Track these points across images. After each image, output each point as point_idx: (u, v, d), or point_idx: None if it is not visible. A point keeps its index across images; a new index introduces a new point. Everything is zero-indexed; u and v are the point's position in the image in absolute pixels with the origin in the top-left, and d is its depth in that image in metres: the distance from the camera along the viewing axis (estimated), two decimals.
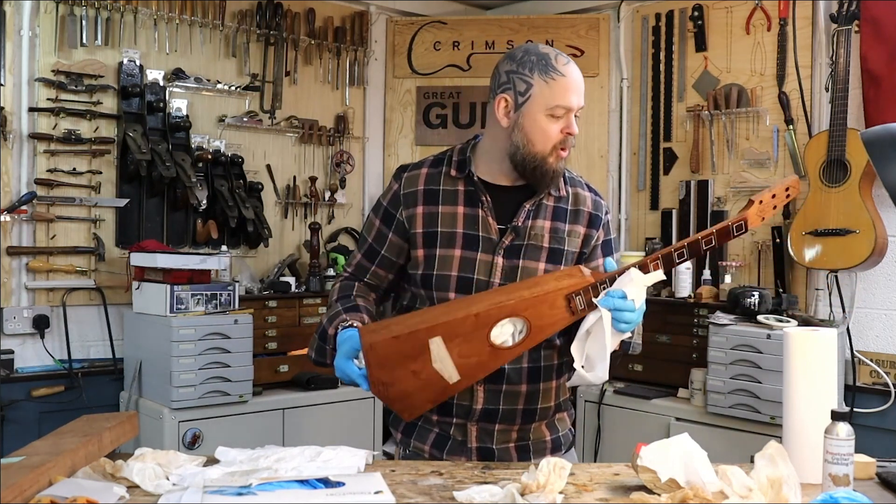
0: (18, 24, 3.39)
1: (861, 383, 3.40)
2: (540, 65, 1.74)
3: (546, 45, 1.82)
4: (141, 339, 3.45)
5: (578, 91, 1.75)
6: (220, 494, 1.39)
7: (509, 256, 1.78)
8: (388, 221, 1.86)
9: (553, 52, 1.77)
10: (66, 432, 1.63)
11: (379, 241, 1.88)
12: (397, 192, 1.86)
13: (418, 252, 1.82)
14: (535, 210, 1.80)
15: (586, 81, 1.86)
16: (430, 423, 1.83)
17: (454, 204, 1.81)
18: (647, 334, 3.72)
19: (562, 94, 1.73)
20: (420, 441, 1.84)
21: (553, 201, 1.83)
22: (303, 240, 4.18)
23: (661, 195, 4.11)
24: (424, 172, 1.86)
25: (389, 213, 1.86)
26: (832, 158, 3.27)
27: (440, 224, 1.80)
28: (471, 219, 1.79)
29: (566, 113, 1.74)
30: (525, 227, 1.79)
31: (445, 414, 1.80)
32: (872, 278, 3.42)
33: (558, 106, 1.73)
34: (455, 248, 1.79)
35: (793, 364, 1.58)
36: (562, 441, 1.89)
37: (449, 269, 1.79)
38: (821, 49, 3.58)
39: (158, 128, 3.67)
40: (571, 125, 1.75)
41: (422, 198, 1.83)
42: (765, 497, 1.34)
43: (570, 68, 1.76)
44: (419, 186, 1.84)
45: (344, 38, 4.35)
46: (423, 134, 4.52)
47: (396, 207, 1.85)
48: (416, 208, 1.82)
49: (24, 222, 3.41)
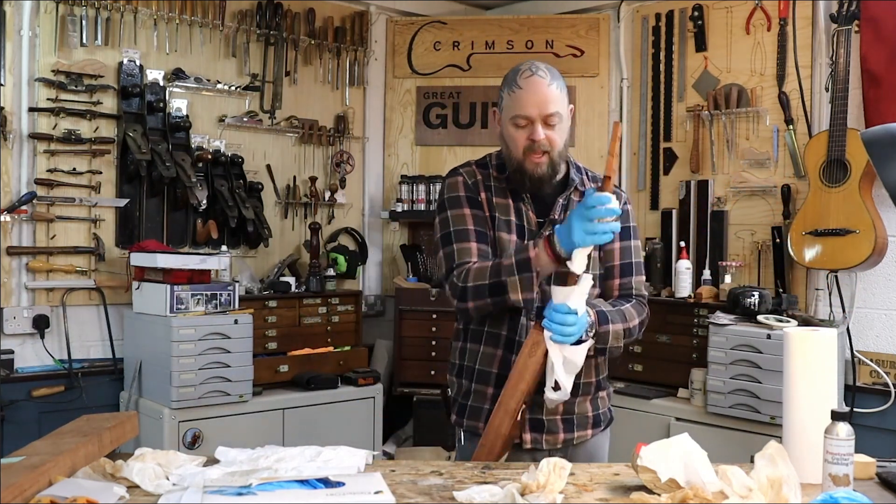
0: (18, 24, 3.39)
1: (861, 383, 3.40)
2: (508, 79, 1.95)
3: (531, 61, 1.98)
4: (141, 339, 3.45)
5: (536, 102, 1.90)
6: (220, 494, 1.39)
7: None
8: (476, 204, 2.00)
9: (525, 66, 1.95)
10: (66, 432, 1.64)
11: (480, 223, 1.99)
12: (465, 182, 2.02)
13: (490, 232, 1.99)
14: (566, 204, 2.00)
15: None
16: (482, 401, 1.99)
17: (504, 197, 2.01)
18: (648, 334, 3.72)
19: (519, 105, 1.91)
20: (473, 419, 2.00)
21: (579, 196, 2.00)
22: (303, 240, 4.18)
23: (661, 195, 4.11)
24: (476, 169, 2.05)
25: (472, 198, 2.00)
26: (832, 158, 3.27)
27: (498, 212, 2.00)
28: (516, 211, 2.00)
29: (528, 122, 1.92)
30: (561, 220, 1.97)
31: (500, 387, 1.91)
32: (872, 278, 3.42)
33: (517, 116, 1.92)
34: (511, 233, 1.98)
35: (793, 364, 1.58)
36: (601, 418, 2.06)
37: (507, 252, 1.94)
38: (821, 49, 3.58)
39: (158, 128, 3.67)
40: (534, 133, 1.91)
41: (482, 186, 2.02)
42: (765, 497, 1.34)
43: (531, 81, 1.91)
44: (478, 177, 2.03)
45: (344, 38, 4.35)
46: (423, 134, 4.52)
47: (474, 192, 2.01)
48: (481, 193, 2.01)
49: (24, 222, 3.41)
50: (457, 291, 1.93)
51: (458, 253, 1.95)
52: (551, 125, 1.91)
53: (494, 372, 1.98)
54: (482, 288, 1.88)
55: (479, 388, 2.00)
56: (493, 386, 1.97)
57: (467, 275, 1.91)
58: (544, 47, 4.39)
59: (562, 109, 1.93)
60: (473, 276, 1.90)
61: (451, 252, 1.96)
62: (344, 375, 3.90)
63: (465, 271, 1.91)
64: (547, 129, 1.91)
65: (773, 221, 3.68)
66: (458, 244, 1.96)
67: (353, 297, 4.09)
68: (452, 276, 1.94)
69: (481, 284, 1.88)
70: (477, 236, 1.96)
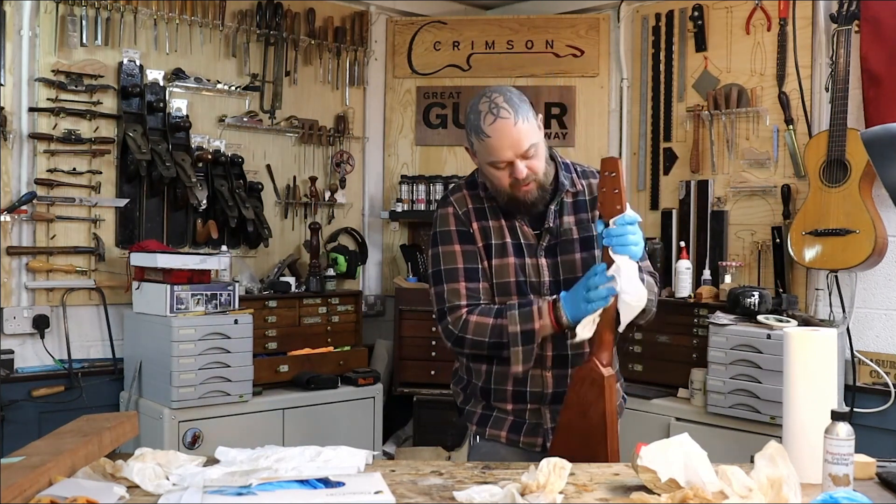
0: (18, 24, 3.39)
1: (861, 383, 3.40)
2: (475, 126, 1.90)
3: (489, 96, 1.89)
4: (141, 339, 3.45)
5: (510, 145, 1.86)
6: (220, 494, 1.39)
7: (550, 255, 1.99)
8: (467, 238, 2.00)
9: (484, 108, 1.88)
10: (66, 432, 1.63)
11: (470, 259, 1.99)
12: (457, 213, 2.01)
13: (483, 263, 1.99)
14: (559, 210, 2.00)
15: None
16: (504, 413, 2.02)
17: (497, 218, 2.00)
18: (648, 334, 3.74)
19: (493, 152, 1.88)
20: (496, 429, 2.02)
21: (571, 197, 2.02)
22: (303, 240, 4.18)
23: (661, 195, 4.11)
24: (466, 194, 2.03)
25: (463, 232, 2.00)
26: (832, 158, 3.27)
27: (493, 237, 1.99)
28: (511, 229, 2.00)
29: (506, 164, 1.89)
30: (556, 226, 1.99)
31: (520, 402, 2.00)
32: (872, 278, 3.42)
33: (494, 161, 1.90)
34: (508, 256, 1.98)
35: (793, 364, 1.58)
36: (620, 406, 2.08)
37: (507, 276, 1.98)
38: (821, 49, 3.58)
39: (158, 128, 3.67)
40: (515, 171, 1.89)
41: (473, 215, 2.01)
42: (765, 497, 1.34)
43: (496, 127, 1.86)
44: (469, 206, 2.02)
45: (344, 38, 4.35)
46: (423, 134, 4.52)
47: (465, 225, 2.00)
48: (473, 224, 2.00)
49: (24, 222, 3.41)
50: (452, 338, 1.97)
51: (447, 293, 1.98)
52: (529, 157, 1.89)
53: (510, 390, 2.00)
54: (481, 344, 1.93)
55: (498, 405, 2.03)
56: (511, 402, 2.01)
57: (466, 326, 1.94)
58: (544, 47, 4.38)
59: (535, 138, 1.89)
60: (473, 331, 1.93)
61: (441, 292, 1.99)
62: (344, 375, 3.90)
63: (464, 322, 1.94)
64: (526, 161, 1.89)
65: (773, 221, 3.68)
66: (448, 284, 1.98)
67: (353, 297, 4.09)
68: (447, 321, 1.97)
69: (480, 341, 1.93)
70: (466, 275, 1.98)
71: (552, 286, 1.97)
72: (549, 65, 4.37)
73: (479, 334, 1.92)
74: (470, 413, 2.09)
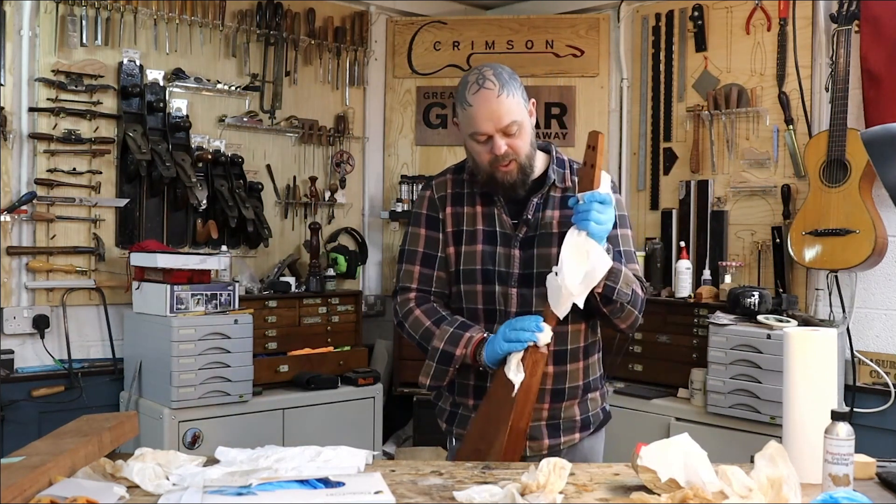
0: (18, 24, 3.39)
1: (861, 383, 3.40)
2: (460, 94, 1.90)
3: (480, 68, 1.90)
4: (141, 339, 3.45)
5: (489, 117, 1.85)
6: (220, 494, 1.39)
7: (525, 247, 1.94)
8: (434, 225, 2.03)
9: (472, 78, 1.88)
10: (66, 432, 1.63)
11: (431, 245, 2.02)
12: (432, 197, 2.04)
13: (450, 249, 2.01)
14: (543, 203, 1.96)
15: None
16: (468, 410, 2.00)
17: (473, 205, 2.00)
18: (648, 334, 3.74)
19: (473, 123, 1.87)
20: (462, 428, 2.00)
21: (560, 192, 1.98)
22: (303, 240, 4.18)
23: (661, 195, 4.11)
24: (450, 178, 2.05)
25: (432, 218, 2.03)
26: (832, 158, 3.27)
27: (465, 223, 1.99)
28: (488, 216, 1.98)
29: (487, 137, 1.87)
30: (536, 219, 1.95)
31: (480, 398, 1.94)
32: (872, 278, 3.42)
33: (474, 133, 1.88)
34: (477, 243, 1.97)
35: (793, 364, 1.58)
36: (591, 420, 2.02)
37: (473, 263, 1.97)
38: (821, 49, 3.58)
39: (158, 128, 3.67)
40: (495, 147, 1.87)
41: (449, 200, 2.02)
42: (765, 497, 1.34)
43: (480, 96, 1.85)
44: (448, 190, 2.03)
45: (344, 38, 4.35)
46: (423, 134, 4.52)
47: (437, 210, 2.03)
48: (447, 209, 2.02)
49: (24, 222, 3.41)
50: (396, 319, 2.05)
51: (403, 274, 2.05)
52: (511, 134, 1.86)
53: (471, 384, 1.99)
54: (412, 338, 2.01)
55: (462, 401, 2.03)
56: (472, 397, 1.99)
57: (407, 315, 2.01)
58: (544, 47, 4.39)
59: (518, 116, 1.87)
60: (410, 323, 2.00)
61: (400, 270, 2.06)
62: (344, 375, 3.90)
63: (408, 311, 2.01)
64: (507, 138, 1.87)
65: (773, 221, 3.68)
66: (406, 265, 2.05)
67: (353, 297, 4.09)
68: (397, 300, 2.04)
69: (412, 335, 2.02)
70: (423, 259, 2.02)
71: (521, 279, 1.93)
72: (549, 65, 4.37)
73: (413, 329, 1.99)
74: (441, 409, 2.09)
